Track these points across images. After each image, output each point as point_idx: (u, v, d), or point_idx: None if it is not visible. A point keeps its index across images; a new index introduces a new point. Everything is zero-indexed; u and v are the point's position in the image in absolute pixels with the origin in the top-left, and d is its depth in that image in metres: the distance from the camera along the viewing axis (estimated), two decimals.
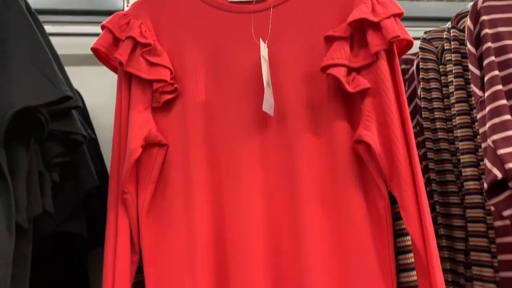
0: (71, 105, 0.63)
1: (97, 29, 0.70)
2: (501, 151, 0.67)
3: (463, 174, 0.80)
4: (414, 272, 0.58)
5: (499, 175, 0.66)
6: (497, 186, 0.68)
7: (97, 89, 1.04)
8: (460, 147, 0.80)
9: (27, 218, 0.56)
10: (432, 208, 0.87)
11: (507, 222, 0.67)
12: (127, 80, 0.68)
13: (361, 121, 0.56)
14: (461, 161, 0.80)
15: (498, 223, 0.69)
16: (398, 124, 0.55)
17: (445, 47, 0.88)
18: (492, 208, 0.70)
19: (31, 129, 0.59)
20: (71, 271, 0.85)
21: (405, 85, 0.99)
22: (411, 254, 0.57)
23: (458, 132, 0.82)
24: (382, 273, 0.54)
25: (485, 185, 0.67)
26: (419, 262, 0.54)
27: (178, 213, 0.66)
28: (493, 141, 0.68)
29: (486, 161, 0.68)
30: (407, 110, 0.57)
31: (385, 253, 0.55)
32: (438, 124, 0.87)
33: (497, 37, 0.73)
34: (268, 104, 0.61)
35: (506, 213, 0.66)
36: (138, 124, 0.66)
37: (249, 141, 0.64)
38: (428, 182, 0.88)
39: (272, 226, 0.61)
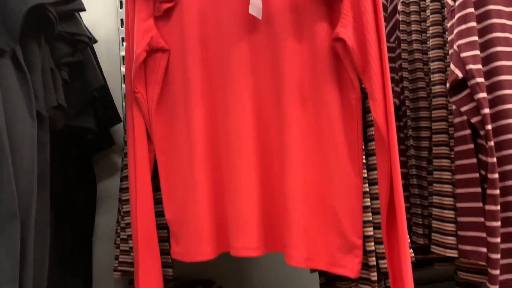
0: (76, 8, 0.68)
1: None
2: (463, 54, 0.75)
3: (432, 79, 0.88)
4: (374, 157, 0.68)
5: (460, 75, 0.75)
6: (458, 86, 0.77)
7: (92, 7, 1.08)
8: (431, 56, 0.88)
9: (45, 107, 0.64)
10: (405, 114, 0.97)
11: (465, 117, 0.77)
12: None
13: (339, 20, 0.63)
14: (431, 68, 0.89)
15: (457, 120, 0.79)
16: (372, 23, 0.61)
17: None
18: (454, 107, 0.80)
19: (41, 29, 0.64)
20: (81, 170, 0.95)
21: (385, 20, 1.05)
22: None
23: (431, 53, 0.89)
24: (350, 156, 0.64)
25: (448, 85, 0.77)
26: (380, 143, 0.63)
27: (180, 110, 0.76)
28: (458, 46, 0.76)
29: (451, 64, 0.76)
30: (381, 11, 0.63)
31: (354, 139, 0.64)
32: (414, 36, 0.94)
33: None
34: (255, 8, 0.67)
35: (463, 108, 0.76)
36: (142, 31, 0.74)
37: (239, 44, 0.71)
38: (401, 91, 0.97)
39: (260, 120, 0.70)
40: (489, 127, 0.73)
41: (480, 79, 0.74)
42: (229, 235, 0.71)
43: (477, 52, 0.76)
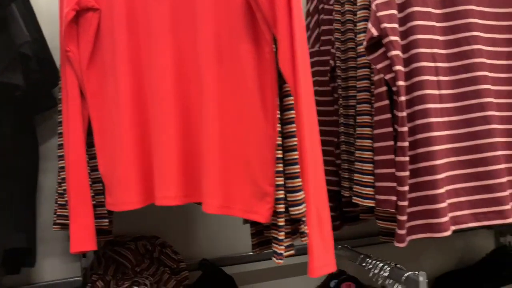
0: None
1: None
2: (380, 13, 0.78)
3: (357, 39, 0.92)
4: (292, 111, 0.72)
5: (375, 32, 0.78)
6: (375, 45, 0.81)
7: None
8: (358, 16, 0.92)
9: None
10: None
11: (382, 75, 0.81)
12: None
13: None
14: (357, 27, 0.92)
15: (375, 78, 0.83)
16: None
17: None
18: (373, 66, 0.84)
19: None
20: (22, 129, 0.96)
21: None
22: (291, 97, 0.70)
23: (358, 13, 0.92)
24: (264, 108, 0.66)
25: (364, 43, 0.80)
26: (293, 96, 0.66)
27: (109, 67, 0.78)
28: (376, 5, 0.79)
29: (368, 23, 0.80)
30: None
31: (268, 91, 0.67)
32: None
33: None
34: None
35: (379, 66, 0.80)
36: None
37: (160, 1, 0.73)
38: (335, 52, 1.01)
39: (181, 75, 0.73)
40: (400, 83, 0.78)
41: (394, 37, 0.78)
42: (154, 186, 0.75)
43: (394, 11, 0.80)
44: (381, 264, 0.93)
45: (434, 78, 0.81)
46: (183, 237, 1.17)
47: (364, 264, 0.99)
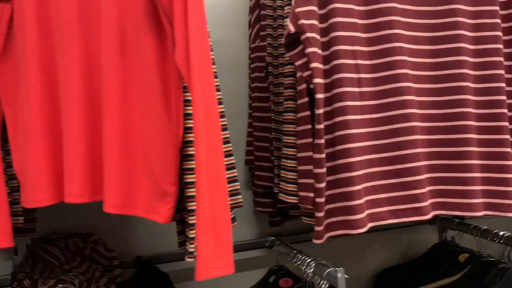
0: None
1: None
2: (297, 9, 0.78)
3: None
4: None
5: (292, 29, 0.78)
6: (295, 42, 0.80)
7: None
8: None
9: None
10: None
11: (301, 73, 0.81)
12: None
13: None
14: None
15: (298, 75, 0.83)
16: None
17: None
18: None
19: None
20: None
21: None
22: None
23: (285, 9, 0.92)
24: (167, 103, 0.65)
25: (283, 39, 0.80)
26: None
27: (21, 60, 0.76)
28: (295, 1, 0.79)
29: (287, 19, 0.79)
30: None
31: (172, 86, 0.66)
32: None
33: None
34: None
35: (297, 63, 0.80)
36: None
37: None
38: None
39: (88, 68, 0.71)
40: (316, 80, 0.78)
41: (311, 34, 0.78)
42: (64, 183, 0.73)
43: (313, 8, 0.79)
44: (308, 260, 0.93)
45: (354, 75, 0.81)
46: (121, 234, 1.15)
47: (294, 260, 0.99)
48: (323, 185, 0.78)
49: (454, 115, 0.85)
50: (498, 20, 0.88)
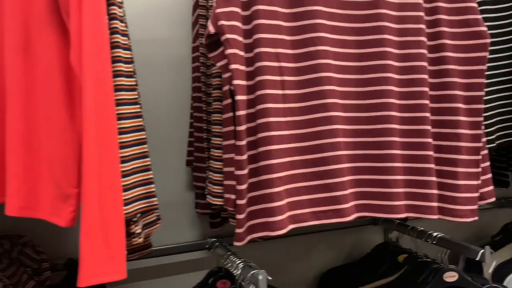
0: None
1: None
2: (218, 10, 0.77)
3: None
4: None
5: (212, 30, 0.77)
6: (217, 43, 0.80)
7: None
8: None
9: None
10: None
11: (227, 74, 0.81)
12: None
13: None
14: None
15: (222, 76, 0.83)
16: None
17: None
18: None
19: None
20: None
21: None
22: None
23: None
24: (68, 102, 0.63)
25: (204, 40, 0.79)
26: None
27: None
28: (216, 1, 0.78)
29: (209, 20, 0.79)
30: None
31: (76, 88, 0.64)
32: None
33: None
34: None
35: (218, 64, 0.79)
36: None
37: None
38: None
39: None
40: (236, 82, 0.77)
41: (231, 35, 0.77)
42: None
43: (235, 9, 0.79)
44: (238, 262, 0.93)
45: (278, 78, 0.81)
46: (53, 236, 1.12)
47: (225, 262, 0.98)
48: (243, 187, 0.78)
49: (379, 118, 0.86)
50: (423, 26, 0.89)
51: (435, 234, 1.14)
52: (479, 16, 0.89)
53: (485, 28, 0.88)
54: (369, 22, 0.87)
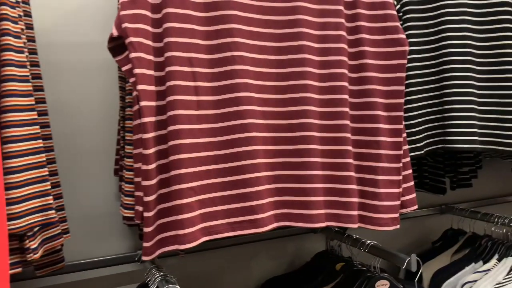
0: None
1: None
2: (122, 13, 0.74)
3: None
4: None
5: (115, 32, 0.73)
6: (123, 46, 0.76)
7: None
8: None
9: None
10: None
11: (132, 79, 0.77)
12: None
13: None
14: None
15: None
16: None
17: None
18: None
19: None
20: None
21: None
22: None
23: None
24: None
25: (107, 43, 0.75)
26: None
27: None
28: (121, 3, 0.74)
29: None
30: None
31: None
32: None
33: None
34: None
35: (124, 68, 0.75)
36: None
37: None
38: None
39: None
40: (140, 87, 0.74)
41: (136, 39, 0.74)
42: None
43: (142, 11, 0.75)
44: (157, 276, 0.89)
45: (191, 83, 0.78)
46: None
47: (146, 276, 0.94)
48: (151, 198, 0.74)
49: (299, 125, 0.84)
50: (343, 33, 0.88)
51: (368, 242, 1.13)
52: (398, 23, 0.89)
53: (403, 36, 0.88)
54: (288, 28, 0.86)
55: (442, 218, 1.61)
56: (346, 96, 0.87)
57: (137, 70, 0.73)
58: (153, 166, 0.74)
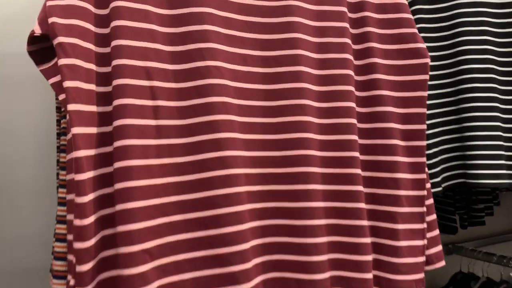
0: None
1: None
2: (50, 3, 0.53)
3: None
4: None
5: (38, 30, 0.52)
6: (50, 51, 0.55)
7: None
8: None
9: None
10: None
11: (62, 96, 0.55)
12: None
13: None
14: None
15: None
16: None
17: None
18: None
19: None
20: None
21: None
22: None
23: None
24: None
25: (27, 46, 0.54)
26: None
27: None
28: None
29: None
30: None
31: None
32: None
33: None
34: None
35: (51, 81, 0.54)
36: None
37: None
38: None
39: None
40: (72, 107, 0.52)
41: (69, 39, 0.52)
42: None
43: (78, 3, 0.55)
44: None
45: (148, 102, 0.57)
46: None
47: None
48: (87, 267, 0.51)
49: (294, 159, 0.64)
50: (348, 40, 0.70)
51: None
52: (416, 30, 0.71)
53: (423, 45, 0.70)
54: (279, 33, 0.67)
55: (449, 260, 1.42)
56: (354, 120, 0.67)
57: (68, 83, 0.51)
58: (90, 220, 0.52)
